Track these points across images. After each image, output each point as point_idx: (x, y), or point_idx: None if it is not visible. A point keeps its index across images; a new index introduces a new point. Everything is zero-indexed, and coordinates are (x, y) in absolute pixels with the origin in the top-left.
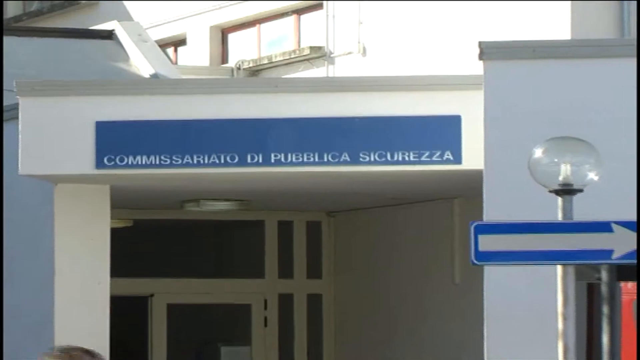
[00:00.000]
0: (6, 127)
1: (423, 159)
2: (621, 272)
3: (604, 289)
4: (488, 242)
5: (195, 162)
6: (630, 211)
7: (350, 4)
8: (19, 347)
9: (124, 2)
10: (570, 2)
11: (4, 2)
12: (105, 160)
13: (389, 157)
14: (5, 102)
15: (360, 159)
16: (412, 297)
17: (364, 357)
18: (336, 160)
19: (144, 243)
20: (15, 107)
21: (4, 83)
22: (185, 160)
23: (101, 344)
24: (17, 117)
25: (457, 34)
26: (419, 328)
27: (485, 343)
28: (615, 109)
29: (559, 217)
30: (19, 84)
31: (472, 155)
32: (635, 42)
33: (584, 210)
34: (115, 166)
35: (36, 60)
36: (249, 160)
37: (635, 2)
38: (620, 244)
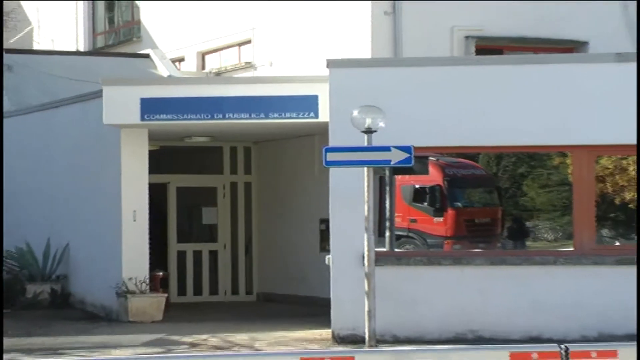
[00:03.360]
0: (95, 102)
1: (299, 116)
2: (395, 170)
3: (387, 179)
4: (332, 156)
5: (189, 118)
6: (402, 140)
7: (264, 40)
8: (103, 209)
9: (154, 39)
10: (369, 35)
11: (96, 37)
12: (145, 116)
13: (283, 115)
14: (92, 89)
15: (270, 116)
16: (293, 184)
17: (273, 215)
18: (257, 117)
19: (164, 157)
20: (100, 91)
21: (94, 80)
22: (183, 117)
23: (143, 206)
24: (101, 97)
25: (319, 52)
26: (297, 201)
27: (330, 208)
28: (396, 91)
29: (365, 144)
30: (103, 78)
31: (324, 114)
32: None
33: (378, 141)
34: (151, 120)
35: (111, 69)
36: (215, 117)
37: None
38: (395, 157)
